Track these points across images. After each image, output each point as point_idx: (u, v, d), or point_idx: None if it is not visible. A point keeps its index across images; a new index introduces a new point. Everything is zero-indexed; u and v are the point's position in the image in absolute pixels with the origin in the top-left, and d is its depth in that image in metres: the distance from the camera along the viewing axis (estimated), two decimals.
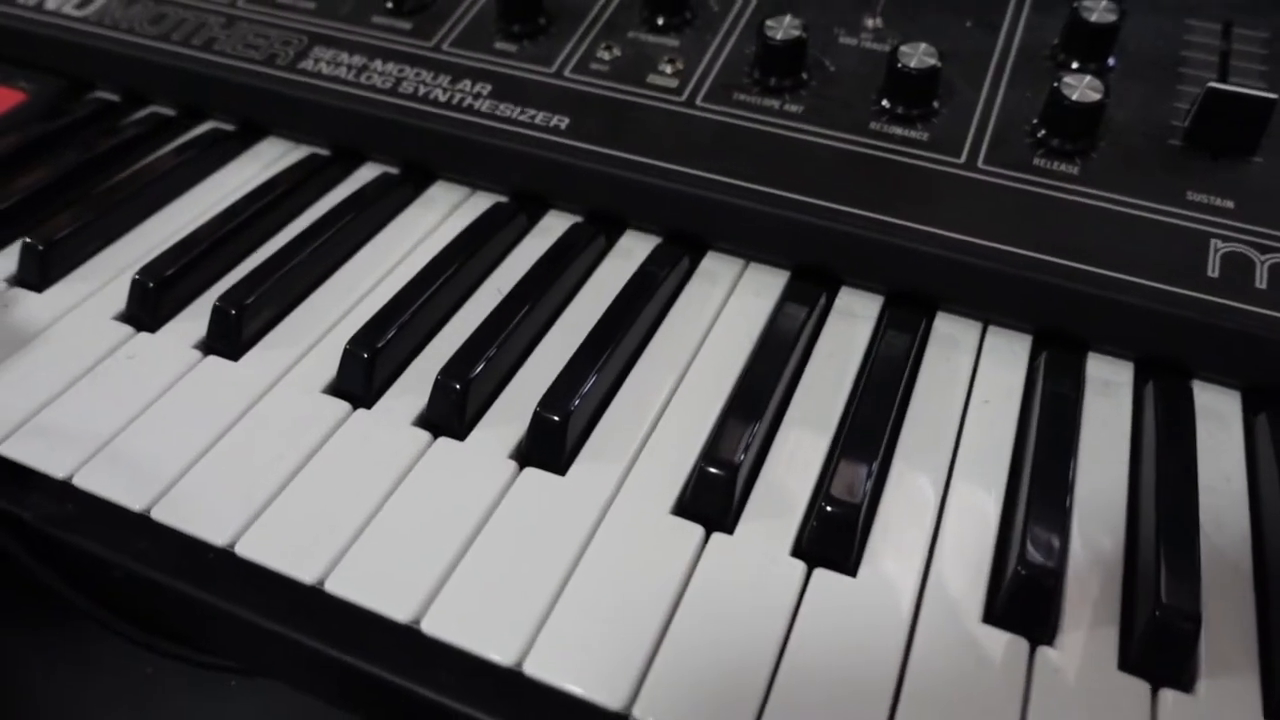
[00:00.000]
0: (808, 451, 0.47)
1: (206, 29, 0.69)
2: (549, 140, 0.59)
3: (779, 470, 0.46)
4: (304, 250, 0.56)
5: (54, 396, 0.49)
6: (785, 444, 0.48)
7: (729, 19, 0.65)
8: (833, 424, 0.49)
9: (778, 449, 0.47)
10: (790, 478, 0.46)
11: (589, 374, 0.49)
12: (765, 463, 0.47)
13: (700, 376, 0.51)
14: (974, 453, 0.48)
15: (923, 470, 0.46)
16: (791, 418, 0.49)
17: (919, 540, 0.44)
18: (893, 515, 0.45)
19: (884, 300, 0.56)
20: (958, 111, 0.59)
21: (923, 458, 0.47)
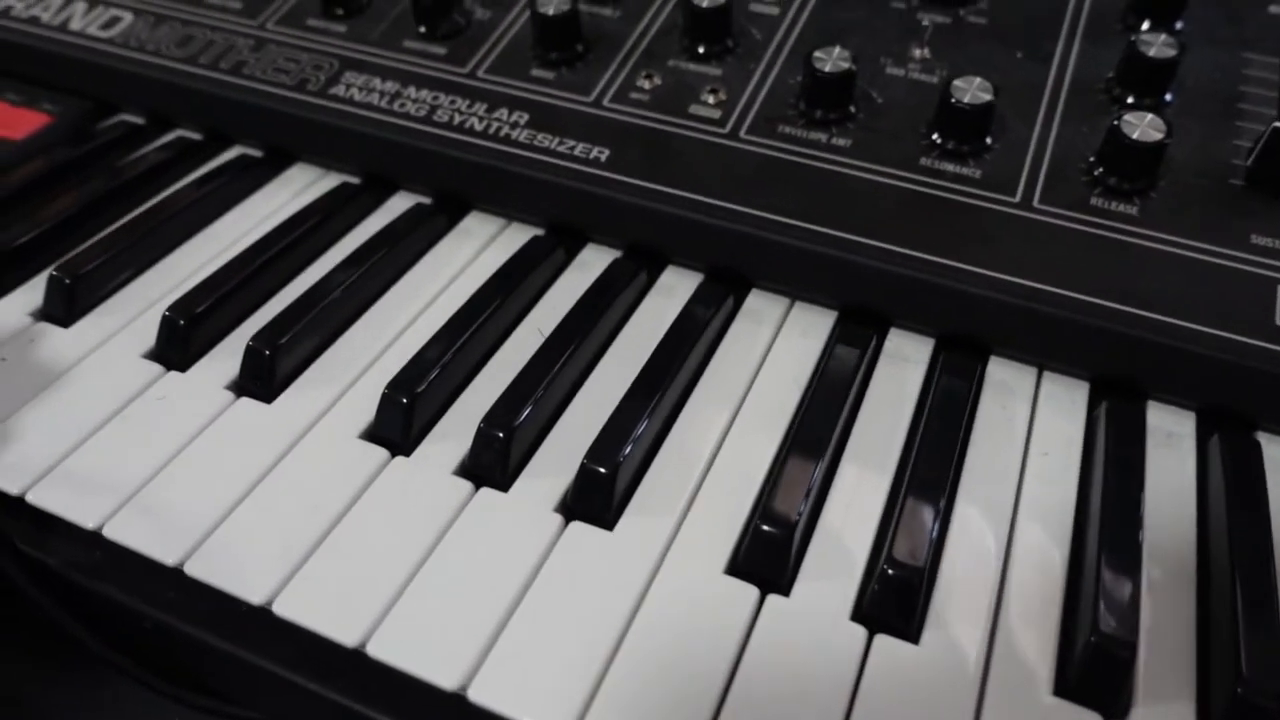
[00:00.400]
0: (864, 504, 0.46)
1: (235, 52, 0.67)
2: (589, 173, 0.58)
3: (835, 524, 0.45)
4: (338, 286, 0.54)
5: (82, 440, 0.48)
6: (840, 496, 0.46)
7: (771, 47, 0.64)
8: (889, 474, 0.47)
9: (833, 501, 0.46)
10: (847, 532, 0.44)
11: (637, 423, 0.47)
12: (821, 515, 0.45)
13: (749, 422, 0.49)
14: (1036, 508, 0.46)
15: (984, 527, 0.45)
16: (846, 468, 0.47)
17: (984, 603, 0.42)
18: (956, 575, 0.43)
19: (935, 343, 0.54)
20: (1011, 147, 0.57)
21: (983, 513, 0.45)
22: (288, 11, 0.70)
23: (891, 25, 0.64)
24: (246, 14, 0.70)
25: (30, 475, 0.46)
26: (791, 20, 0.65)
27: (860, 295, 0.55)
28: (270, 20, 0.70)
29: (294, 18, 0.69)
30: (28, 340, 0.53)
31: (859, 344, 0.53)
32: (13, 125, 0.68)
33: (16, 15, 0.73)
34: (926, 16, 0.64)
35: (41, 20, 0.72)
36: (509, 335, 0.54)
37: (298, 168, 0.67)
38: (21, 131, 0.68)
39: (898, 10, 0.65)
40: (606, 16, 0.67)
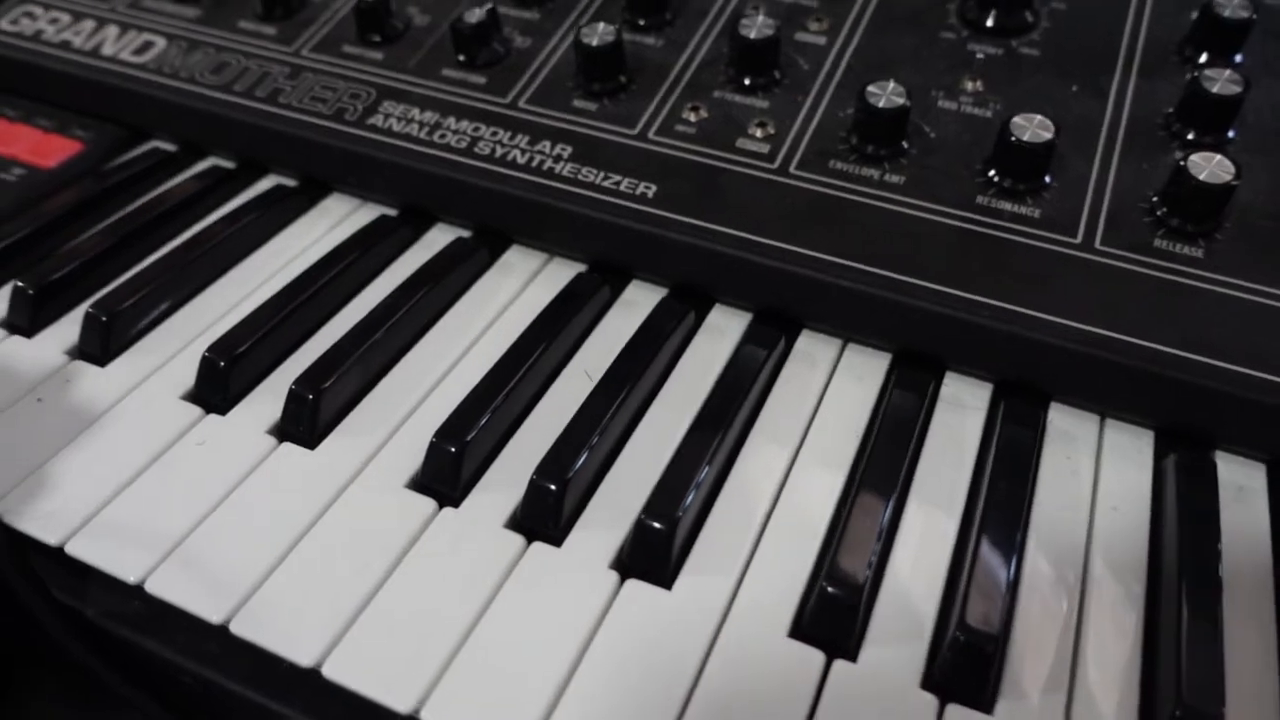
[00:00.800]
0: (930, 560, 0.44)
1: (271, 79, 0.66)
2: (636, 209, 0.56)
3: (901, 582, 0.43)
4: (381, 326, 0.53)
5: (121, 487, 0.46)
6: (905, 551, 0.44)
7: (820, 78, 0.62)
8: (953, 528, 0.46)
9: (898, 557, 0.44)
10: (914, 591, 0.43)
11: (694, 474, 0.45)
12: (885, 572, 0.44)
13: (806, 472, 0.48)
14: (1109, 567, 0.44)
15: (1057, 587, 0.43)
16: (909, 521, 0.46)
17: (1060, 670, 0.40)
18: (1029, 639, 0.41)
19: (993, 388, 0.53)
20: (1070, 186, 0.55)
21: (1054, 573, 0.44)
22: (323, 38, 0.69)
23: (941, 56, 0.63)
24: (281, 40, 0.69)
25: (69, 525, 0.45)
26: (839, 50, 0.64)
27: (916, 339, 0.53)
28: (306, 47, 0.68)
29: (330, 44, 0.68)
30: (64, 380, 0.52)
31: (918, 391, 0.51)
32: (44, 153, 0.67)
33: (48, 40, 0.71)
34: (977, 47, 0.63)
35: (73, 45, 0.71)
36: (555, 377, 0.53)
37: (334, 198, 0.66)
38: (53, 159, 0.67)
39: (947, 40, 0.64)
40: (649, 45, 0.66)
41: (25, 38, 0.72)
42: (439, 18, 0.69)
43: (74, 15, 0.73)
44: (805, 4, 0.67)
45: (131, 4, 0.73)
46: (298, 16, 0.70)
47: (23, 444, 0.48)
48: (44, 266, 0.56)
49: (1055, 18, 0.64)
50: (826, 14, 0.66)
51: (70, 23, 0.73)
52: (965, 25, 0.64)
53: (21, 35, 0.72)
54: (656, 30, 0.66)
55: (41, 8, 0.74)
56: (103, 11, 0.73)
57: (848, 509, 0.45)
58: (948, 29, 0.64)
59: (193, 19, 0.71)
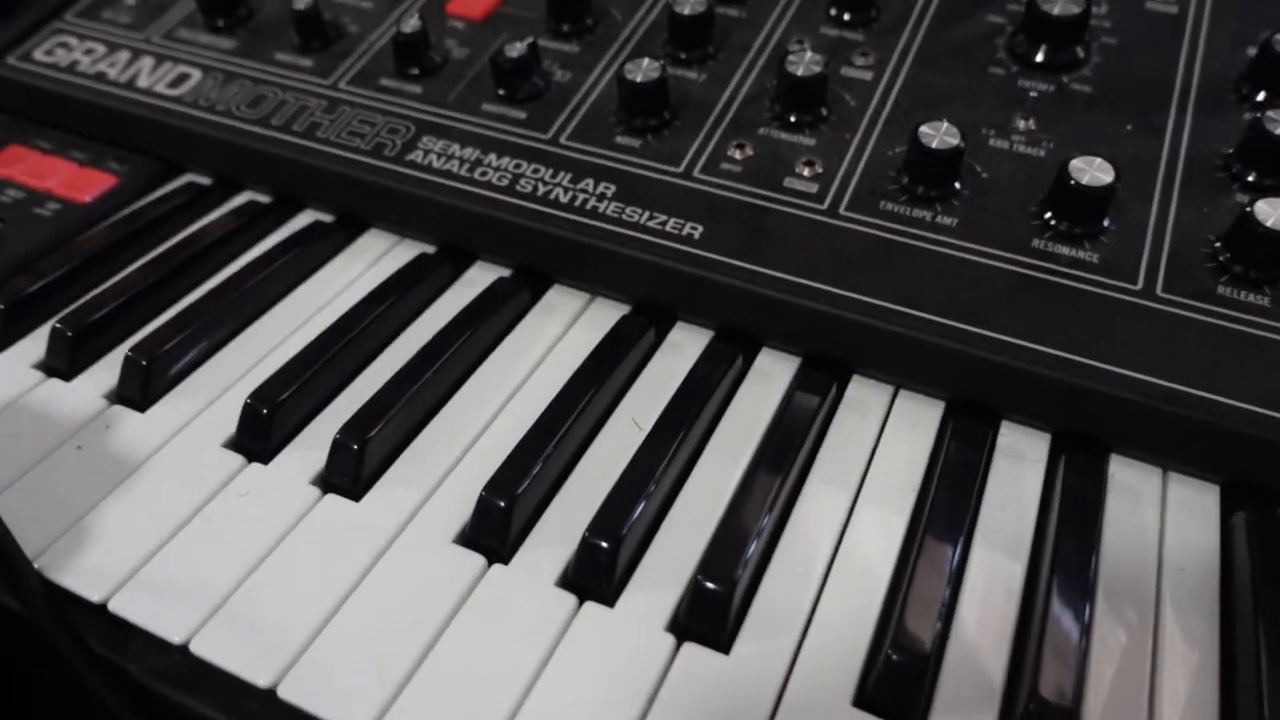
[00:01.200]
0: (996, 620, 0.43)
1: (308, 113, 0.65)
2: (682, 251, 0.55)
3: (968, 644, 0.42)
4: (425, 371, 0.52)
5: (164, 541, 0.45)
6: (970, 610, 0.43)
7: (867, 115, 0.61)
8: (1018, 586, 0.44)
9: (963, 616, 0.43)
10: (982, 654, 0.42)
11: (751, 530, 0.44)
12: (951, 632, 0.42)
13: (864, 527, 0.47)
14: (1180, 633, 0.43)
15: (1128, 653, 0.42)
16: (973, 580, 0.44)
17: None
18: (1102, 709, 0.40)
19: (1051, 439, 0.51)
20: (1128, 229, 0.54)
21: (1125, 638, 0.42)
22: (361, 70, 0.68)
23: (991, 92, 0.62)
24: (318, 72, 0.68)
25: (112, 582, 0.44)
26: (886, 85, 0.63)
27: (972, 387, 0.52)
28: (343, 79, 0.68)
29: (367, 77, 0.67)
30: (103, 426, 0.51)
31: (976, 442, 0.50)
32: (79, 187, 0.66)
33: (83, 71, 0.71)
34: (1028, 83, 0.62)
35: (108, 76, 0.70)
36: (602, 425, 0.52)
37: (371, 234, 0.65)
38: (88, 194, 0.66)
39: (997, 76, 0.63)
40: (691, 80, 0.65)
41: (60, 69, 0.71)
42: (477, 50, 0.68)
43: (109, 46, 0.72)
44: (850, 37, 0.66)
45: (166, 35, 0.73)
46: (334, 48, 0.70)
47: (63, 494, 0.47)
48: (82, 308, 0.55)
49: (1106, 53, 0.63)
50: (872, 48, 0.65)
51: (105, 54, 0.72)
52: (1014, 60, 0.63)
53: (56, 66, 0.72)
54: (699, 64, 0.65)
55: (76, 38, 0.74)
56: (138, 43, 0.72)
57: (910, 568, 0.44)
58: (996, 64, 0.63)
59: (228, 50, 0.71)
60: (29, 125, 0.72)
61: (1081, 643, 0.41)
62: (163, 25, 0.74)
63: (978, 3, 0.67)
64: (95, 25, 0.74)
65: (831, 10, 0.67)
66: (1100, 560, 0.45)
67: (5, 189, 0.66)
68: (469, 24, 0.70)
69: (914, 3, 0.68)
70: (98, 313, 0.55)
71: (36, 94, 0.71)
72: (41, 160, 0.68)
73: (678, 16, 0.64)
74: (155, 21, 0.74)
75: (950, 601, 0.43)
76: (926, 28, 0.66)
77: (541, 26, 0.69)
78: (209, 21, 0.72)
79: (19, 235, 0.62)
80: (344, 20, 0.72)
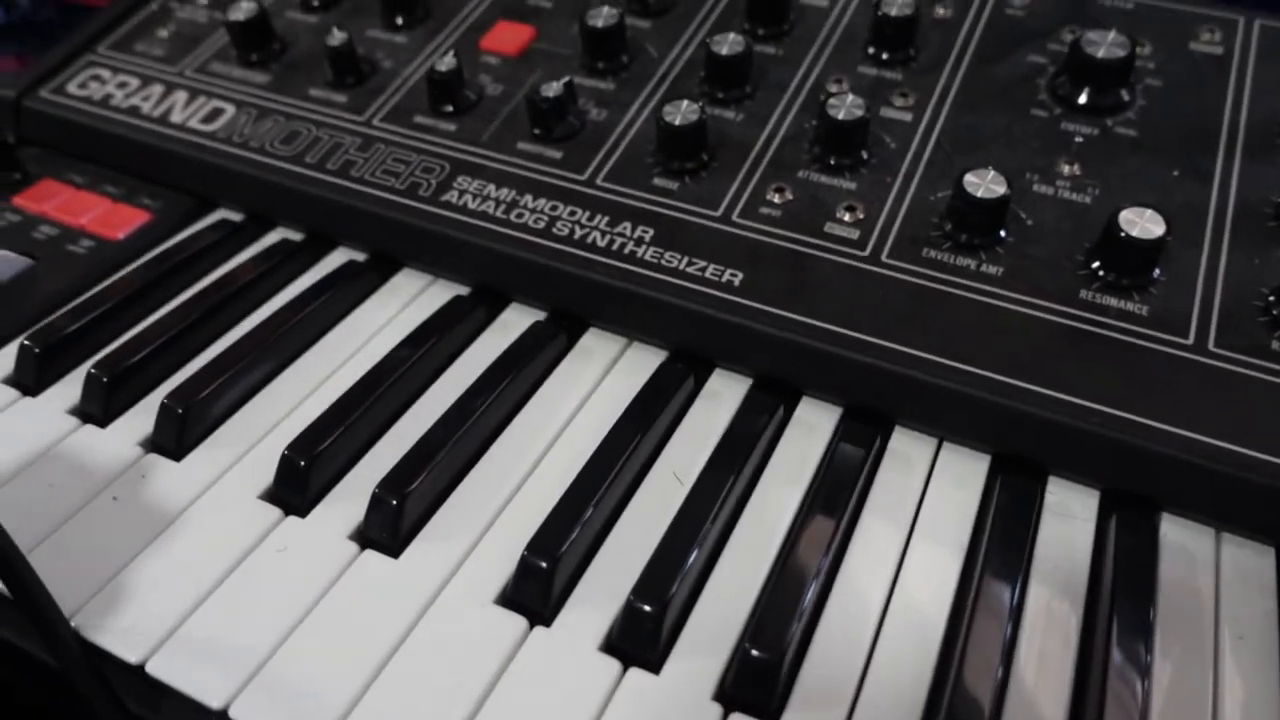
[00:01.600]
0: (1051, 689, 0.42)
1: (342, 151, 0.65)
2: (722, 298, 0.55)
3: (1023, 714, 0.41)
4: (463, 422, 0.51)
5: (201, 599, 0.45)
6: (1026, 678, 0.42)
7: (908, 158, 0.60)
8: (1071, 654, 0.43)
9: (1018, 685, 0.42)
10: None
11: (799, 596, 0.43)
12: (1006, 703, 0.41)
13: (914, 589, 0.46)
14: (1239, 702, 0.42)
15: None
16: (1026, 645, 0.43)
17: None
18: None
19: (1099, 497, 0.50)
20: (1178, 280, 0.53)
21: (1185, 711, 0.41)
22: (394, 107, 0.68)
23: (1034, 135, 0.61)
24: (352, 109, 0.68)
25: (149, 642, 0.43)
26: (926, 126, 0.62)
27: (1019, 443, 0.51)
28: (377, 116, 0.67)
29: (401, 114, 0.67)
30: (139, 476, 0.50)
31: (1026, 501, 0.49)
32: (112, 224, 0.66)
33: (116, 105, 0.71)
34: (1071, 126, 0.61)
35: (142, 111, 0.70)
36: (643, 478, 0.51)
37: (404, 274, 0.64)
38: (121, 230, 0.66)
39: (1039, 119, 0.62)
40: (728, 120, 0.64)
41: (93, 102, 0.71)
42: (512, 87, 0.68)
43: (142, 80, 0.72)
44: (889, 76, 0.65)
45: (200, 69, 0.72)
46: (368, 84, 0.69)
47: (99, 548, 0.47)
48: (117, 352, 0.55)
49: (1151, 95, 0.62)
50: (912, 88, 0.64)
51: (138, 87, 0.72)
52: (1057, 102, 0.62)
53: (90, 100, 0.71)
54: (736, 104, 0.65)
55: (109, 71, 0.73)
56: (171, 76, 0.72)
57: (963, 636, 0.43)
58: (1038, 105, 0.62)
59: (262, 85, 0.70)
60: (62, 159, 0.72)
61: (1141, 713, 0.40)
62: (196, 59, 0.73)
63: (1017, 42, 0.66)
64: (128, 58, 0.74)
65: (869, 49, 0.66)
66: (1157, 627, 0.44)
67: (39, 226, 0.66)
68: (503, 60, 0.70)
69: (952, 42, 0.67)
70: (133, 357, 0.55)
71: (70, 127, 0.71)
72: (75, 196, 0.68)
73: (716, 56, 0.63)
74: (188, 55, 0.74)
75: (1006, 667, 0.42)
76: (966, 67, 0.65)
77: (576, 63, 0.69)
78: (242, 56, 0.72)
79: (53, 274, 0.62)
80: (377, 55, 0.71)
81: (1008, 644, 0.43)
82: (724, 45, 0.63)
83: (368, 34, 0.73)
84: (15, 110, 0.72)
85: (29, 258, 0.63)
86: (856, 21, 0.69)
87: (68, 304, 0.60)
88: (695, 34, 0.70)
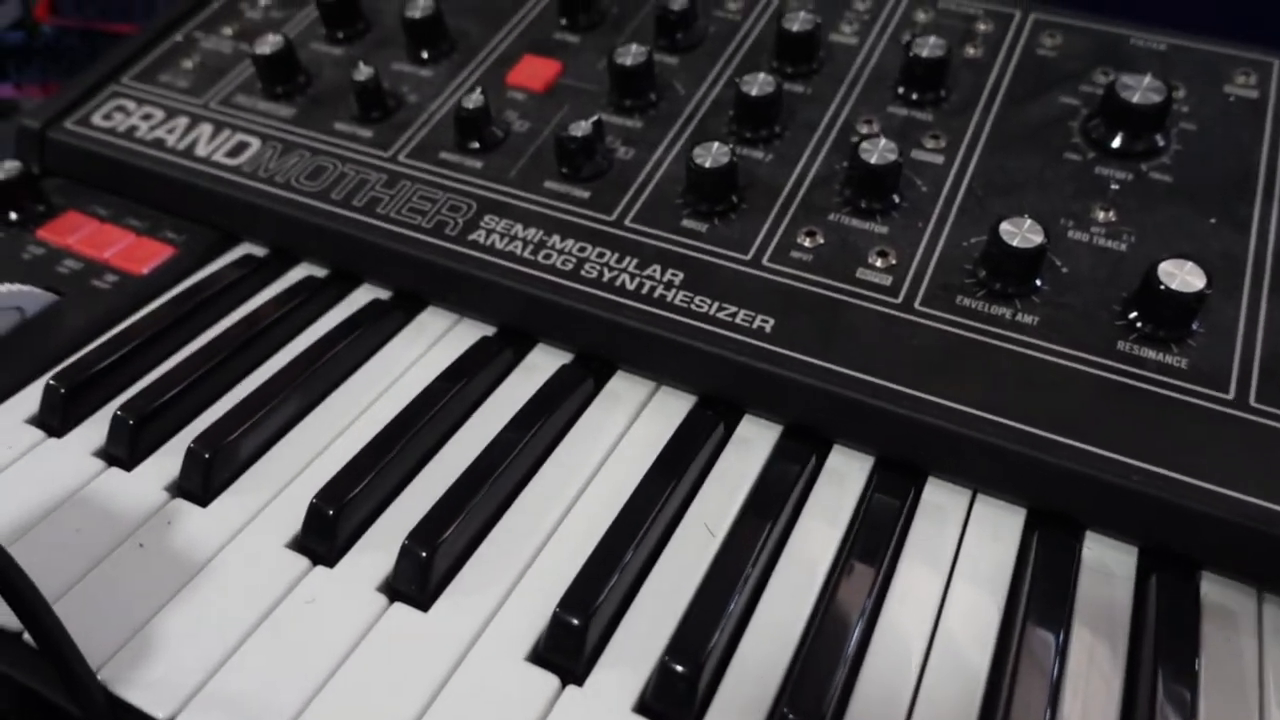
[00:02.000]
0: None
1: (368, 187, 0.65)
2: (753, 345, 0.54)
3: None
4: (492, 471, 0.50)
5: (229, 652, 0.44)
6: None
7: (940, 201, 0.60)
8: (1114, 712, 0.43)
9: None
10: None
11: (836, 658, 0.43)
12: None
13: (951, 651, 0.45)
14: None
15: None
16: (1070, 708, 0.43)
17: None
18: None
19: (1138, 554, 0.50)
20: (1217, 333, 0.52)
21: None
22: (420, 143, 0.67)
23: (1067, 179, 0.60)
24: (378, 144, 0.67)
25: (178, 697, 0.43)
26: (958, 169, 0.62)
27: (1054, 498, 0.50)
28: (402, 152, 0.67)
29: (427, 150, 0.67)
30: (165, 522, 0.50)
31: (1064, 559, 0.48)
32: (136, 258, 0.66)
33: (141, 138, 0.70)
34: (1105, 171, 0.60)
35: (167, 144, 0.70)
36: (674, 529, 0.50)
37: (429, 313, 0.64)
38: (145, 265, 0.65)
39: (1072, 162, 0.61)
40: (757, 160, 0.63)
41: (118, 134, 0.71)
42: (538, 123, 0.67)
43: (167, 112, 0.72)
44: (919, 117, 0.65)
45: (224, 101, 0.72)
46: (394, 118, 0.69)
47: (126, 597, 0.46)
48: (144, 394, 0.55)
49: (1186, 139, 0.61)
50: (943, 130, 0.64)
51: (163, 119, 0.72)
52: (1090, 146, 0.62)
53: (114, 132, 0.71)
54: (764, 144, 0.64)
55: (134, 102, 0.73)
56: (196, 108, 0.72)
57: (1007, 692, 0.42)
58: (1071, 149, 0.62)
59: (287, 118, 0.70)
60: (86, 190, 0.71)
61: None
62: (221, 90, 0.73)
63: (1049, 83, 0.66)
64: (153, 89, 0.74)
65: (899, 88, 0.66)
66: (1201, 693, 0.43)
67: (64, 260, 0.65)
68: (529, 95, 0.69)
69: (983, 82, 0.66)
70: (159, 398, 0.54)
71: (94, 159, 0.71)
72: (99, 229, 0.67)
73: (746, 97, 0.63)
74: (213, 86, 0.73)
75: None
76: (997, 109, 0.65)
77: (603, 100, 0.68)
78: (267, 88, 0.72)
79: (78, 309, 0.62)
80: (402, 89, 0.71)
81: (1051, 701, 0.42)
82: (754, 86, 0.63)
83: (393, 67, 0.73)
84: (40, 141, 0.72)
85: (54, 293, 0.63)
86: (886, 60, 0.69)
87: (92, 341, 0.60)
88: (723, 71, 0.69)
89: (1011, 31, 0.69)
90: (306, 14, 0.78)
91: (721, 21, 0.73)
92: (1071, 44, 0.68)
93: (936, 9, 0.72)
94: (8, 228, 0.67)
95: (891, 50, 0.69)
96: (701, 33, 0.72)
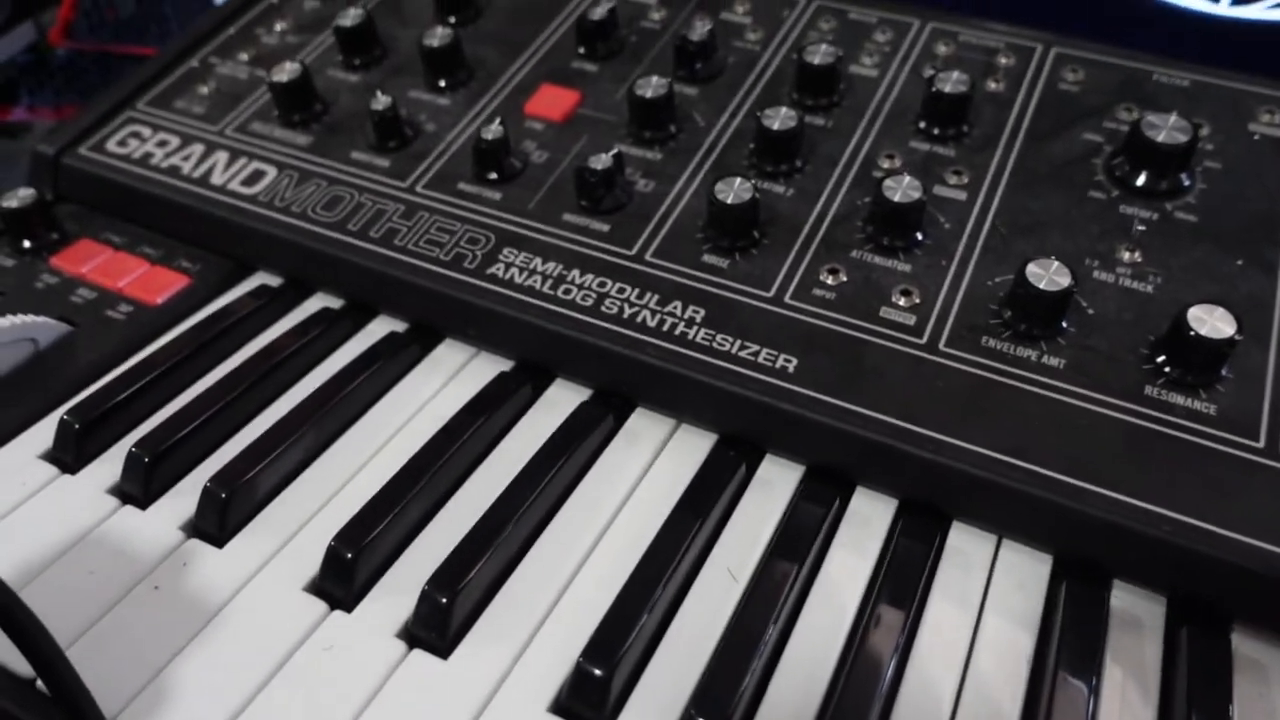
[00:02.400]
0: None
1: (385, 218, 0.64)
2: (776, 385, 0.53)
3: None
4: (512, 514, 0.50)
5: (246, 703, 0.44)
6: None
7: (963, 239, 0.59)
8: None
9: None
10: None
11: (869, 706, 0.42)
12: None
13: (979, 699, 0.44)
14: None
15: None
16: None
17: None
18: None
19: (1167, 605, 0.49)
20: (1246, 378, 0.52)
21: None
22: (438, 173, 0.67)
23: (1092, 218, 0.60)
24: (395, 174, 0.67)
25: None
26: (981, 206, 0.61)
27: (1081, 546, 0.50)
28: (420, 183, 0.66)
29: (445, 181, 0.66)
30: (180, 563, 0.49)
31: (1094, 613, 0.47)
32: (151, 288, 0.65)
33: (156, 165, 0.70)
34: (1130, 210, 0.60)
35: (182, 171, 0.69)
36: (696, 572, 0.50)
37: (446, 346, 0.63)
38: (160, 295, 0.65)
39: (1097, 201, 0.61)
40: (778, 195, 0.63)
41: (133, 161, 0.71)
42: (557, 154, 0.67)
43: (183, 139, 0.72)
44: (941, 153, 0.64)
45: (240, 128, 0.72)
46: (411, 148, 0.68)
47: (141, 643, 0.46)
48: (159, 431, 0.54)
49: (1211, 178, 0.61)
50: (966, 165, 0.63)
51: (179, 146, 0.71)
52: (1114, 184, 0.61)
53: (129, 158, 0.71)
54: (785, 178, 0.64)
55: (149, 128, 0.73)
56: (211, 135, 0.72)
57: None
58: (1095, 187, 0.61)
59: (303, 147, 0.70)
60: (100, 218, 0.71)
61: None
62: (236, 117, 0.73)
63: (1071, 119, 0.65)
64: (168, 115, 0.74)
65: (921, 123, 0.66)
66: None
67: (77, 289, 0.65)
68: (548, 125, 0.69)
69: (1005, 117, 0.66)
70: (174, 435, 0.54)
71: (109, 186, 0.70)
72: (113, 258, 0.67)
73: (768, 131, 0.62)
74: (229, 113, 0.73)
75: None
76: (1020, 145, 0.64)
77: (622, 130, 0.68)
78: (284, 116, 0.71)
79: (91, 341, 0.61)
80: (420, 118, 0.71)
81: None
82: (775, 120, 0.62)
83: (410, 95, 0.72)
84: (54, 167, 0.72)
85: (68, 323, 0.62)
86: (907, 92, 0.68)
87: (106, 373, 0.59)
88: (743, 103, 0.69)
89: (1033, 65, 0.69)
90: (323, 40, 0.78)
91: (741, 52, 0.73)
92: (1094, 79, 0.67)
93: (957, 41, 0.71)
94: (21, 256, 0.67)
95: (912, 83, 0.69)
96: (721, 63, 0.72)
